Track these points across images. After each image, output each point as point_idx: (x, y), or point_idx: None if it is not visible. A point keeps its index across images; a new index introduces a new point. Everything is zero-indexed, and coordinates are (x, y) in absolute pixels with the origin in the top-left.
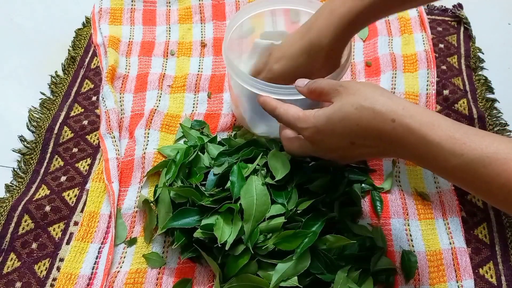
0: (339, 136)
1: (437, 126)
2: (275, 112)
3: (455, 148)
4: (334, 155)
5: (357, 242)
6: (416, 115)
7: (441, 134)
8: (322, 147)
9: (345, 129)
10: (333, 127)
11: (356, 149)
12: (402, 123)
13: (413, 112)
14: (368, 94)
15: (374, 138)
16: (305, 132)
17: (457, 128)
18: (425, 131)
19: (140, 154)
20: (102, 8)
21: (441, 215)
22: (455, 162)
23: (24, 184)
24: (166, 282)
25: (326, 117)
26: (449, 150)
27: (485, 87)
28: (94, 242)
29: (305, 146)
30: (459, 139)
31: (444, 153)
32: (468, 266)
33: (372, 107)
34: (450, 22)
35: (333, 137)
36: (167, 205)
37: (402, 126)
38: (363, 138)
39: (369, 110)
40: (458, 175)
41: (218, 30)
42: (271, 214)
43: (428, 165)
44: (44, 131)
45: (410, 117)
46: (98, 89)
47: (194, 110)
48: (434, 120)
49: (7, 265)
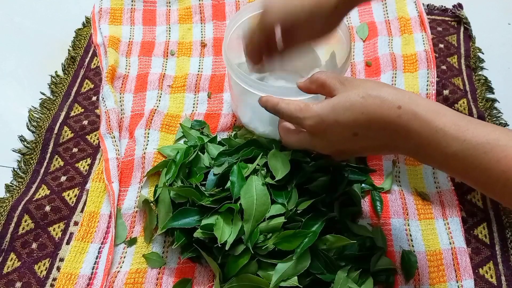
0: (343, 126)
1: (442, 114)
2: (277, 107)
3: (458, 133)
4: (333, 149)
5: (357, 242)
6: (422, 103)
7: (446, 121)
8: (323, 138)
9: (349, 119)
10: (338, 116)
11: (358, 141)
12: (408, 110)
13: (419, 101)
14: (374, 85)
15: (379, 128)
16: (307, 121)
17: (461, 117)
18: (431, 117)
19: (140, 154)
20: (102, 8)
21: (441, 215)
22: (457, 147)
23: (24, 184)
24: (166, 282)
25: (330, 107)
26: (452, 135)
27: (485, 87)
28: (94, 242)
29: (304, 139)
30: (463, 126)
31: (446, 139)
32: (468, 266)
33: (378, 95)
34: (450, 22)
35: (336, 127)
36: (167, 205)
37: (408, 113)
38: (367, 128)
39: (376, 98)
40: (458, 163)
41: (218, 30)
42: (271, 214)
43: (429, 153)
44: (44, 131)
45: (417, 105)
46: (98, 89)
47: (194, 110)
48: (440, 109)
49: (7, 265)
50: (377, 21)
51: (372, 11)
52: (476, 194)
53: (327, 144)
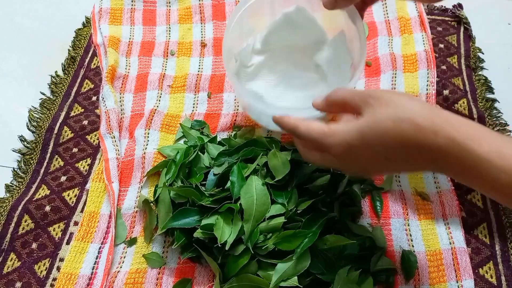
0: (374, 152)
1: (483, 139)
2: (296, 132)
3: (504, 164)
4: (363, 170)
5: (357, 242)
6: (458, 125)
7: (488, 149)
8: (351, 162)
9: (380, 145)
10: (368, 142)
11: (390, 164)
12: (445, 136)
13: (456, 123)
14: (405, 104)
15: (413, 153)
16: (333, 149)
17: (502, 141)
18: (471, 144)
19: (140, 154)
20: (102, 8)
21: (441, 215)
22: (506, 180)
23: (24, 184)
24: (166, 282)
25: (359, 133)
26: (497, 167)
27: (485, 87)
28: (94, 242)
29: (329, 161)
30: (507, 154)
31: (492, 171)
32: (468, 266)
33: (411, 118)
34: (450, 22)
35: (366, 153)
36: (167, 205)
37: (445, 139)
38: (400, 153)
39: (408, 122)
40: (510, 193)
41: (218, 30)
42: (271, 214)
43: (473, 181)
44: (44, 131)
45: (453, 128)
46: (98, 89)
47: (194, 110)
48: (480, 133)
49: (7, 265)
50: (377, 21)
51: (372, 11)
52: (476, 194)
53: (355, 168)
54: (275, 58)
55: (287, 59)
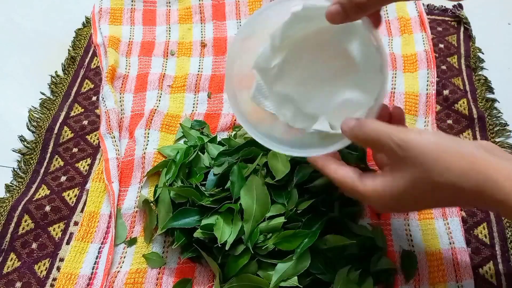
0: (408, 207)
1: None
2: (324, 172)
3: None
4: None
5: (357, 242)
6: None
7: None
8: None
9: (416, 205)
10: (400, 202)
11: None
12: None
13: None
14: (441, 164)
15: (455, 203)
16: (365, 201)
17: None
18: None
19: (140, 154)
20: (102, 8)
21: (441, 215)
22: None
23: (24, 184)
24: (166, 282)
25: (391, 193)
26: None
27: (485, 87)
28: (94, 242)
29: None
30: None
31: None
32: (468, 266)
33: (451, 184)
34: (450, 22)
35: (399, 206)
36: (167, 205)
37: (487, 200)
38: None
39: (447, 189)
40: None
41: (218, 30)
42: (271, 214)
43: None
44: (44, 131)
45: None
46: (98, 89)
47: (194, 110)
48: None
49: (7, 265)
50: None
51: None
52: None
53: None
54: (297, 51)
55: (311, 49)
